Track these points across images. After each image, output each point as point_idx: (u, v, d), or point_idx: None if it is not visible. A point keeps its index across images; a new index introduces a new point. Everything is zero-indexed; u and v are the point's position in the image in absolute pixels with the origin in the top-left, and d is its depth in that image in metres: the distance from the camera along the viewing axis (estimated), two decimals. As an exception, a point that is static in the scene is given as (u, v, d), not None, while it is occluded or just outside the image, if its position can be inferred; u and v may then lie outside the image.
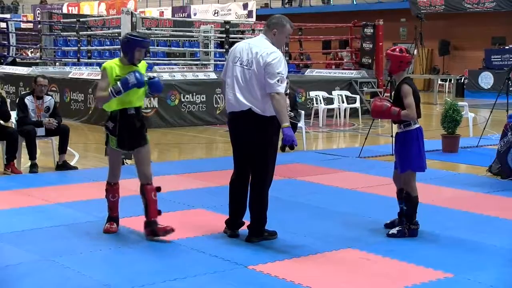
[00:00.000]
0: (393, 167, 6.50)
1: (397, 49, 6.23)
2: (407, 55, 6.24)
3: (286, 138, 5.66)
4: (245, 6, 33.12)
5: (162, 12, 36.78)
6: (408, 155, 6.21)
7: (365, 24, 19.51)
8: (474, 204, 7.67)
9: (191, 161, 10.72)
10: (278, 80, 5.68)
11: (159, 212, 6.08)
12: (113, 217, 6.28)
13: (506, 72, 13.54)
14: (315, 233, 6.34)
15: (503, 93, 12.16)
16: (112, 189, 6.24)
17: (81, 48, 19.85)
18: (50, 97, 9.76)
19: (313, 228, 6.52)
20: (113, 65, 5.95)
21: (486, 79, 25.14)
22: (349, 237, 6.19)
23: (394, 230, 6.24)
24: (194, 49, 22.42)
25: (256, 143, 5.87)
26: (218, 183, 8.68)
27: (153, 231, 6.01)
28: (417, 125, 6.23)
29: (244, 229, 6.11)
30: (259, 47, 5.84)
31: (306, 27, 22.46)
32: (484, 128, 12.76)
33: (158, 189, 6.11)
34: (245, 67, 5.84)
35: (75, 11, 38.02)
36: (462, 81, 26.06)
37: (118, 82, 5.83)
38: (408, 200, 6.23)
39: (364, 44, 19.54)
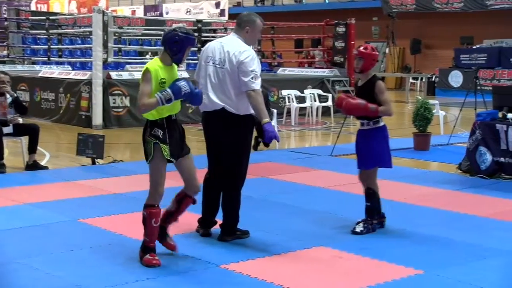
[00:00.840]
0: (357, 165, 6.54)
1: (369, 48, 6.30)
2: (377, 53, 6.39)
3: (266, 134, 5.62)
4: (217, 4, 33.11)
5: (134, 11, 36.63)
6: (378, 152, 6.31)
7: (337, 23, 19.60)
8: (445, 202, 7.75)
9: (164, 160, 10.67)
10: (252, 78, 5.67)
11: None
12: (152, 248, 5.35)
13: (474, 71, 13.68)
14: (288, 231, 6.35)
15: (472, 92, 12.30)
16: (157, 212, 5.34)
17: (51, 46, 19.67)
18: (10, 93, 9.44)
19: (286, 226, 6.52)
20: (156, 67, 5.24)
21: (456, 78, 25.42)
22: (322, 235, 6.20)
23: (360, 228, 6.29)
24: (166, 48, 22.32)
25: (230, 142, 5.87)
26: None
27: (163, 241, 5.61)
28: (383, 122, 6.34)
29: (216, 228, 6.10)
30: (231, 46, 5.83)
31: (279, 26, 22.49)
32: (454, 126, 12.88)
33: (194, 202, 5.69)
34: (217, 66, 5.83)
35: (44, 9, 37.66)
36: (433, 79, 26.30)
37: (168, 90, 5.17)
38: (373, 196, 6.34)
39: (336, 43, 19.62)
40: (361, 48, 6.31)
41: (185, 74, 16.73)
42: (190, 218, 6.63)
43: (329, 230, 6.42)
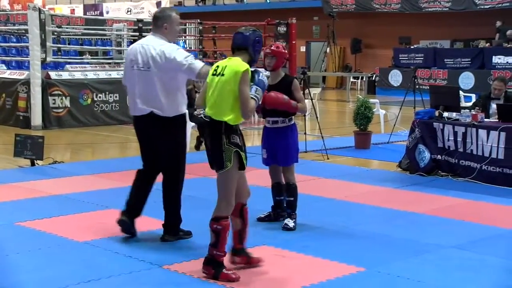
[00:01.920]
0: (265, 162, 6.69)
1: (280, 47, 6.51)
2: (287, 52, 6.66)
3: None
4: (158, 4, 32.80)
5: (73, 9, 36.04)
6: (295, 148, 6.54)
7: (279, 23, 19.69)
8: (385, 199, 7.88)
9: (105, 161, 10.56)
10: (190, 63, 5.60)
11: None
12: (223, 262, 5.08)
13: (412, 71, 13.96)
14: (230, 231, 6.34)
15: (411, 91, 12.54)
16: (229, 224, 5.11)
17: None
18: None
19: (228, 226, 6.52)
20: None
21: (396, 77, 25.87)
22: (265, 234, 6.23)
23: (291, 223, 6.40)
24: (107, 47, 22.05)
25: (164, 145, 5.82)
26: (131, 182, 8.58)
27: (249, 259, 5.30)
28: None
29: (157, 229, 6.07)
30: (153, 47, 5.73)
31: (220, 26, 22.47)
32: (394, 125, 13.11)
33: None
34: (142, 69, 5.73)
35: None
36: (373, 78, 26.69)
37: (257, 88, 5.05)
38: (294, 190, 6.49)
39: (277, 42, 19.69)
40: (274, 47, 6.44)
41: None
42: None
43: (271, 228, 6.45)
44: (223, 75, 5.01)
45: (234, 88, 4.94)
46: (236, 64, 5.01)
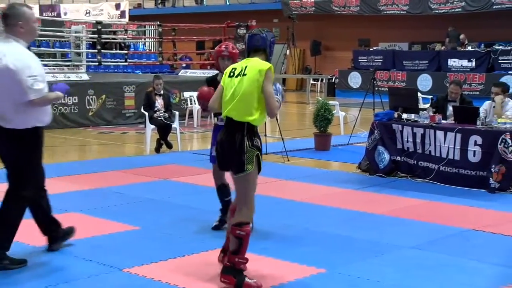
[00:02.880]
0: (213, 159, 6.31)
1: (234, 47, 6.45)
2: None
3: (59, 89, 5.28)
4: (117, 6, 32.57)
5: (29, 10, 35.46)
6: None
7: (239, 25, 19.75)
8: (345, 200, 7.93)
9: (64, 164, 10.44)
10: (31, 84, 5.02)
11: None
12: (242, 270, 4.96)
13: (372, 73, 14.10)
14: (190, 233, 6.34)
15: (370, 93, 12.66)
16: (250, 229, 5.02)
17: None
18: None
19: (188, 228, 6.51)
20: None
21: (355, 79, 26.10)
22: (224, 236, 6.21)
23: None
24: (65, 49, 21.83)
25: (9, 159, 5.24)
26: (92, 185, 8.53)
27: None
28: None
29: (117, 232, 6.02)
30: (4, 54, 5.07)
31: (180, 28, 22.42)
32: (354, 127, 13.21)
33: None
34: None
35: None
36: (333, 80, 26.88)
37: (277, 91, 5.12)
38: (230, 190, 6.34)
39: (237, 45, 19.73)
40: (230, 48, 6.37)
41: (85, 76, 16.44)
42: (91, 222, 6.53)
43: (232, 231, 6.44)
44: (245, 74, 4.94)
45: (258, 86, 4.88)
46: (258, 63, 4.98)
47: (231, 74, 5.06)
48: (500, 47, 22.96)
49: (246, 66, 4.98)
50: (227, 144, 4.94)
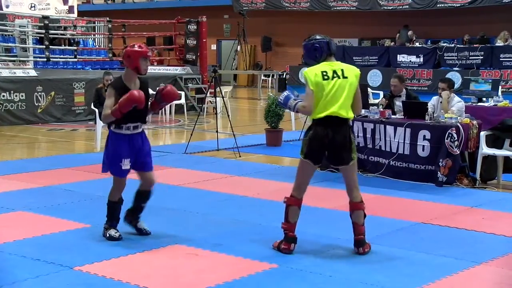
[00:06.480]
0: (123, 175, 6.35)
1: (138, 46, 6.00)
2: None
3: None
4: (65, 1, 32.03)
5: (-35, 1, 34.62)
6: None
7: (189, 21, 19.63)
8: (297, 195, 7.95)
9: (11, 162, 10.25)
10: None
11: None
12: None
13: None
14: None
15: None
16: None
17: None
18: None
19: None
20: None
21: (306, 75, 26.24)
22: (177, 233, 6.21)
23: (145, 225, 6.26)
24: (10, 44, 21.36)
25: None
26: (40, 183, 8.39)
27: None
28: None
29: (68, 230, 5.93)
30: None
31: (129, 24, 22.21)
32: (305, 122, 13.25)
33: None
34: None
35: None
36: (284, 76, 26.98)
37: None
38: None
39: (188, 41, 19.65)
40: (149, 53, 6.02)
41: (32, 73, 16.15)
42: (40, 221, 6.43)
43: (184, 227, 6.43)
44: (345, 77, 5.58)
45: (355, 88, 5.63)
46: (351, 67, 5.73)
47: (325, 77, 5.61)
48: (445, 44, 23.44)
49: (342, 69, 5.63)
50: (340, 139, 5.56)
